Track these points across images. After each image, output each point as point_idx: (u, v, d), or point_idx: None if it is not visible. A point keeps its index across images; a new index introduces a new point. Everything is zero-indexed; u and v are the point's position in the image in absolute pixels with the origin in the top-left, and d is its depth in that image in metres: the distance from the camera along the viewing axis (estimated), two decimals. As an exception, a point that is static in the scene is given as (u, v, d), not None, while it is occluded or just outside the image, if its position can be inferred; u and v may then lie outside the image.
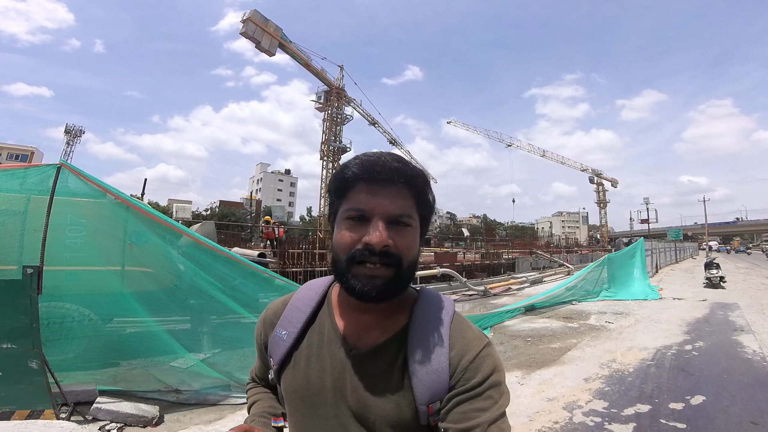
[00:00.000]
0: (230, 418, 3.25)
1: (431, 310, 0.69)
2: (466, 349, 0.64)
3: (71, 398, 3.14)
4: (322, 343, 0.71)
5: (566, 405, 3.54)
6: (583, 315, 8.12)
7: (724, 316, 8.01)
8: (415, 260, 0.66)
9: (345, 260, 0.62)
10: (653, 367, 4.63)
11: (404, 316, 0.70)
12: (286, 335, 0.73)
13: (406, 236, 0.63)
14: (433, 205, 0.70)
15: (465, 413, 0.60)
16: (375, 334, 0.68)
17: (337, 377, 0.67)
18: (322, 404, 0.67)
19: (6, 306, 2.66)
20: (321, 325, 0.73)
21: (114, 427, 2.95)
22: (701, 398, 3.67)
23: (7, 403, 2.64)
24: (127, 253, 4.11)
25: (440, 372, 0.63)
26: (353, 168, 0.64)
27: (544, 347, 5.64)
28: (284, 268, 9.59)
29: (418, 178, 0.65)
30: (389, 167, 0.63)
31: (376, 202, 0.62)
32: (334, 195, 0.68)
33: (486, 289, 11.65)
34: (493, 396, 0.61)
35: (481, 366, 0.62)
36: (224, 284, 4.12)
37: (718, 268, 13.13)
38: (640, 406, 3.50)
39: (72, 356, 3.78)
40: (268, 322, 0.79)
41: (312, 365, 0.70)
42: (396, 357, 0.66)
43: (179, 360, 4.10)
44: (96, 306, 3.92)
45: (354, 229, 0.62)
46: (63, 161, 3.51)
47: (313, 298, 0.76)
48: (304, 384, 0.69)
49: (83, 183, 3.52)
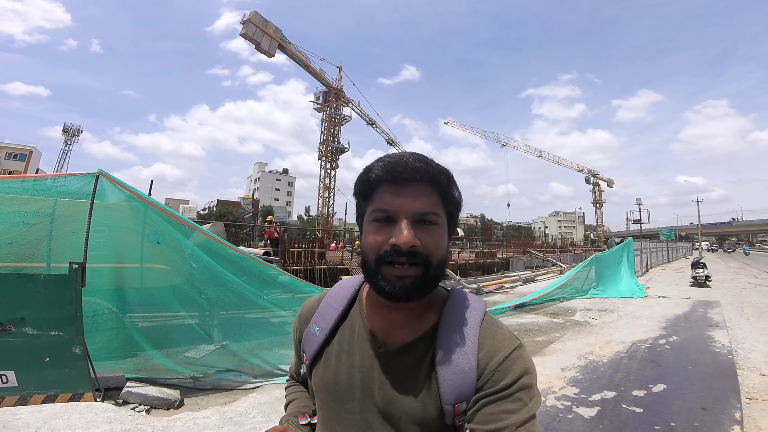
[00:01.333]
0: (243, 400, 3.60)
1: (461, 310, 0.70)
2: (496, 350, 0.64)
3: (102, 384, 3.50)
4: (352, 340, 0.73)
5: (541, 391, 3.89)
6: (569, 311, 8.55)
7: (704, 313, 8.45)
8: (444, 258, 0.66)
9: (374, 261, 0.64)
10: (626, 359, 5.05)
11: (433, 316, 0.70)
12: (319, 331, 0.76)
13: (433, 234, 0.64)
14: (459, 202, 0.70)
15: (492, 414, 0.60)
16: (404, 332, 0.69)
17: (366, 374, 0.69)
18: (349, 399, 0.69)
19: (55, 298, 3.07)
20: (352, 323, 0.75)
21: (143, 408, 3.31)
22: (662, 386, 4.09)
23: (53, 386, 3.01)
24: (145, 251, 4.51)
25: (467, 373, 0.63)
26: (376, 170, 0.65)
27: (528, 340, 6.05)
28: (285, 266, 9.97)
29: (442, 176, 0.66)
30: (411, 167, 0.64)
31: (401, 201, 0.63)
32: (359, 197, 0.69)
33: (479, 287, 12.07)
34: (522, 398, 0.60)
35: (511, 368, 0.62)
36: (233, 281, 4.50)
37: (704, 268, 13.59)
38: (606, 392, 3.91)
39: (97, 347, 4.18)
40: (303, 318, 0.82)
41: (342, 361, 0.71)
42: (424, 356, 0.67)
43: (193, 350, 4.49)
44: (117, 300, 4.30)
45: (381, 231, 0.64)
46: (101, 170, 3.86)
47: (345, 296, 0.79)
48: (334, 379, 0.71)
49: (113, 187, 3.88)
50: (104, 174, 3.68)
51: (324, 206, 34.82)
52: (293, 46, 33.69)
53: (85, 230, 3.48)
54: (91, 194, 3.55)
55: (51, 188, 3.90)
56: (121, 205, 4.15)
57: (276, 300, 5.26)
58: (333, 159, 35.64)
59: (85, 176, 3.69)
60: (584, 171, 61.41)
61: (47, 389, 3.02)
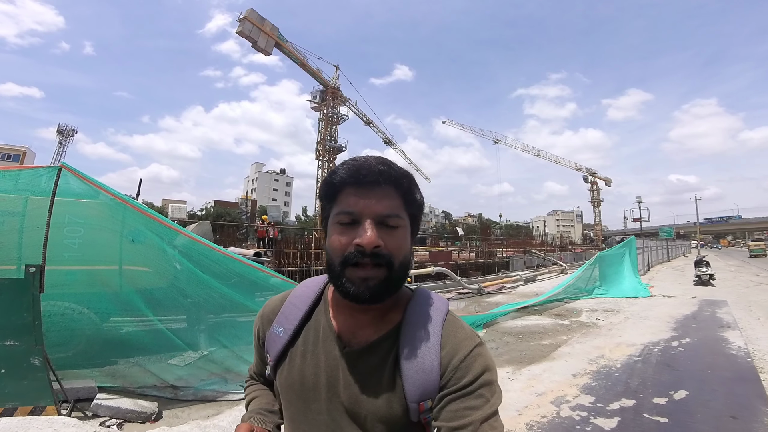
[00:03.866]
0: (228, 413, 3.30)
1: (424, 309, 0.71)
2: (457, 348, 0.65)
3: (72, 395, 3.20)
4: (317, 340, 0.72)
5: (554, 399, 3.65)
6: (574, 312, 8.27)
7: (712, 312, 8.19)
8: (406, 260, 0.67)
9: (339, 263, 0.64)
10: (639, 363, 4.76)
11: (398, 315, 0.71)
12: (283, 332, 0.75)
13: (396, 236, 0.65)
14: (421, 204, 0.71)
15: (456, 411, 0.61)
16: (368, 331, 0.70)
17: (331, 374, 0.69)
18: (315, 399, 0.69)
19: (9, 304, 2.74)
20: (317, 323, 0.75)
21: (114, 422, 3.01)
22: (684, 393, 3.80)
23: (11, 399, 2.70)
24: (124, 252, 4.19)
25: (430, 371, 0.64)
26: (340, 173, 0.66)
27: (535, 344, 5.76)
28: (280, 267, 9.65)
29: (404, 179, 0.68)
30: (375, 170, 0.65)
31: (365, 203, 0.64)
32: (324, 200, 0.70)
33: (480, 287, 11.78)
34: (484, 395, 0.62)
35: (472, 365, 0.63)
36: (221, 283, 4.20)
37: (707, 266, 13.37)
38: (625, 400, 3.62)
39: (72, 354, 3.87)
40: (265, 318, 0.81)
41: (307, 362, 0.71)
42: (388, 354, 0.68)
43: (177, 357, 4.17)
44: (95, 305, 3.99)
45: (345, 232, 0.64)
46: (64, 163, 3.57)
47: (309, 295, 0.78)
48: (299, 379, 0.71)
49: (83, 184, 3.57)
50: (67, 167, 3.36)
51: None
52: (290, 45, 33.39)
53: (45, 228, 3.12)
54: (53, 189, 3.22)
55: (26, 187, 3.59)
56: (98, 203, 3.84)
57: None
58: (330, 158, 35.36)
59: (47, 169, 3.37)
60: (582, 170, 61.41)
61: (5, 402, 2.71)
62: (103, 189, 3.61)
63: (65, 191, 3.63)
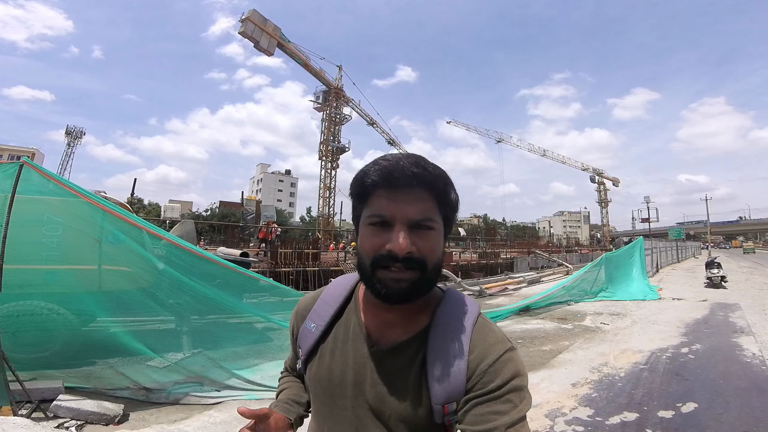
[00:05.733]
0: (197, 417, 3.16)
1: (454, 311, 0.70)
2: (487, 353, 0.65)
3: (36, 396, 3.09)
4: (347, 337, 0.73)
5: (549, 412, 3.37)
6: (578, 316, 7.93)
7: (725, 317, 7.81)
8: (439, 262, 0.67)
9: (369, 265, 0.64)
10: (646, 372, 4.45)
11: (427, 317, 0.71)
12: (315, 328, 0.76)
13: (429, 239, 0.64)
14: (456, 204, 0.70)
15: (482, 415, 0.60)
16: (397, 332, 0.70)
17: (358, 371, 0.69)
18: (341, 396, 0.70)
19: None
20: (347, 321, 0.75)
21: (74, 424, 2.89)
22: (693, 405, 3.49)
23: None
24: (104, 252, 4.04)
25: (458, 374, 0.63)
26: (373, 175, 0.64)
27: (534, 350, 5.46)
28: (275, 268, 9.45)
29: (439, 180, 0.65)
30: (408, 173, 0.63)
31: (397, 207, 0.63)
32: (355, 199, 0.69)
33: (482, 289, 11.47)
34: (512, 400, 0.61)
35: (502, 370, 0.62)
36: (205, 284, 4.03)
37: (719, 268, 12.90)
38: (627, 414, 3.32)
39: (48, 355, 3.77)
40: (299, 314, 0.82)
41: (336, 358, 0.72)
42: (415, 356, 0.68)
43: (156, 359, 4.01)
44: (73, 305, 3.87)
45: (377, 235, 0.63)
46: (26, 159, 3.40)
47: (341, 294, 0.79)
48: (327, 375, 0.71)
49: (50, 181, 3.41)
50: (29, 163, 3.20)
51: (324, 206, 34.43)
52: (293, 45, 33.36)
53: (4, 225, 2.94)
54: (13, 185, 3.05)
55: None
56: (77, 202, 3.70)
57: (259, 305, 4.78)
58: (333, 159, 35.24)
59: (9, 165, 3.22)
60: (589, 170, 60.59)
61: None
62: (68, 187, 3.46)
63: (44, 189, 3.53)
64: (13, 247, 3.36)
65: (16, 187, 3.18)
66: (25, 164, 3.24)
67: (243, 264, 5.14)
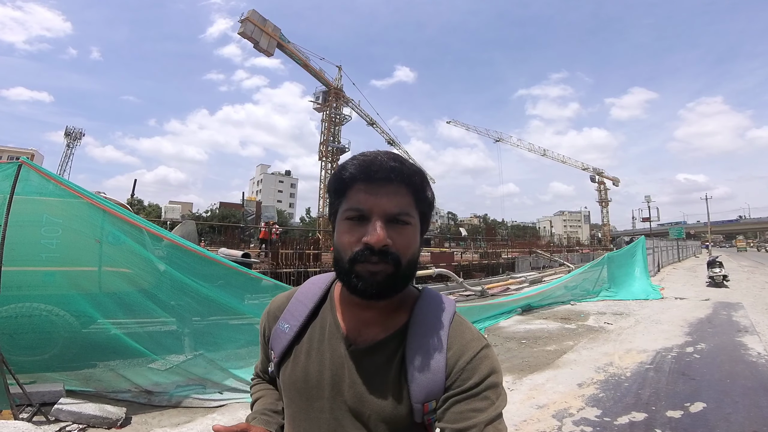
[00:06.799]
0: (200, 421, 3.12)
1: (431, 309, 0.70)
2: (464, 350, 0.65)
3: (37, 399, 3.06)
4: (323, 337, 0.71)
5: (556, 413, 3.33)
6: (581, 316, 7.89)
7: (728, 316, 7.78)
8: (414, 258, 0.66)
9: (347, 260, 0.63)
10: (652, 371, 4.41)
11: (404, 315, 0.70)
12: (288, 328, 0.74)
13: (405, 234, 0.64)
14: (432, 202, 0.70)
15: (461, 413, 0.60)
16: (375, 330, 0.69)
17: (336, 372, 0.68)
18: (318, 398, 0.68)
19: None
20: (323, 320, 0.73)
21: (76, 428, 2.86)
22: (701, 405, 3.46)
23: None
24: (104, 253, 4.00)
25: (436, 372, 0.63)
26: (350, 168, 0.64)
27: (538, 350, 5.43)
28: (276, 268, 9.41)
29: (416, 176, 0.65)
30: (386, 166, 0.63)
31: (374, 201, 0.63)
32: (333, 195, 0.68)
33: (483, 289, 11.43)
34: (490, 397, 0.61)
35: (479, 367, 0.63)
36: (207, 285, 4.00)
37: (721, 267, 12.87)
38: (635, 414, 3.28)
39: (48, 357, 3.73)
40: (271, 315, 0.80)
41: (312, 359, 0.70)
42: (394, 354, 0.67)
43: (158, 362, 3.97)
44: (73, 307, 3.83)
45: (354, 229, 0.63)
46: (25, 159, 3.36)
47: (316, 293, 0.77)
48: (303, 377, 0.69)
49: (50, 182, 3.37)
50: (27, 163, 3.16)
51: (324, 207, 34.35)
52: (292, 45, 33.32)
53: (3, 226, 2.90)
54: (12, 185, 3.01)
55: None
56: (76, 202, 3.67)
57: (260, 306, 4.75)
58: (333, 159, 35.18)
59: (7, 165, 3.18)
60: (589, 170, 60.56)
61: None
62: (69, 188, 3.42)
63: (43, 190, 3.50)
64: (12, 248, 3.32)
65: (14, 188, 3.14)
66: (24, 164, 3.20)
67: (245, 265, 5.12)
